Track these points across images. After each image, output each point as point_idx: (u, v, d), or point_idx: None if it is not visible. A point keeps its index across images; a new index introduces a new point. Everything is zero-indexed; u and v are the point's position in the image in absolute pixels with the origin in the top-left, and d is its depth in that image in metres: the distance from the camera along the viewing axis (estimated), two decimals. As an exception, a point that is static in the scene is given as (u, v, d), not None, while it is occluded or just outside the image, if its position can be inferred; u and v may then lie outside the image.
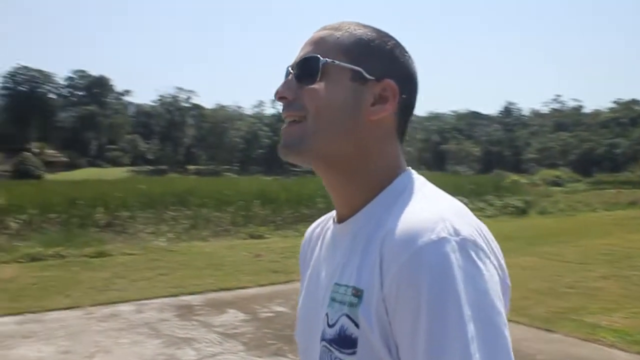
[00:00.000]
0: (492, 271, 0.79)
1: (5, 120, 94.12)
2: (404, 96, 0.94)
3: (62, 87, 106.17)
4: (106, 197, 17.17)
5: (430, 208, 0.83)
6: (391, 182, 0.93)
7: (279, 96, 0.94)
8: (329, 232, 1.03)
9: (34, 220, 14.64)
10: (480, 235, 0.81)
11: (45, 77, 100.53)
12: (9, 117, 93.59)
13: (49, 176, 66.68)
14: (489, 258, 0.79)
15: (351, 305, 0.83)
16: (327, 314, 0.88)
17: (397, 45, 0.97)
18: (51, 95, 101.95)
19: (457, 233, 0.77)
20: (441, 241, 0.76)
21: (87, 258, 10.20)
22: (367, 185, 0.93)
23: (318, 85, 0.91)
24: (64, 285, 7.94)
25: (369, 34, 0.95)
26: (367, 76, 0.92)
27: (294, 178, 34.98)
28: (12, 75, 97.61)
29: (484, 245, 0.80)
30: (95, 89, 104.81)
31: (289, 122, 0.94)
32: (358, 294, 0.82)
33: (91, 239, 12.24)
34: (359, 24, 0.97)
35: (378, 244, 0.82)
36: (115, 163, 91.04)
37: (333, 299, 0.87)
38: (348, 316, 0.83)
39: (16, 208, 15.45)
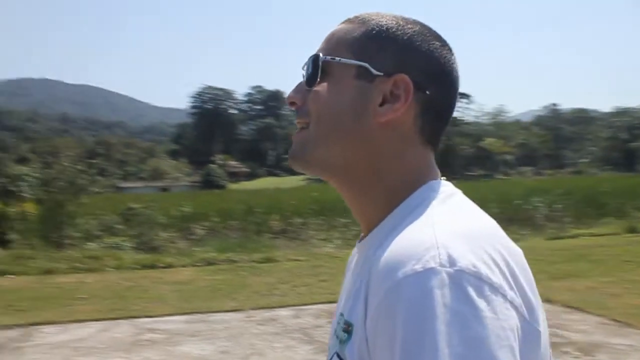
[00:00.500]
0: (504, 313, 0.61)
1: (194, 136, 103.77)
2: (427, 92, 0.80)
3: (242, 103, 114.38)
4: (281, 204, 18.13)
5: (429, 229, 0.68)
6: (409, 195, 0.79)
7: (289, 101, 0.87)
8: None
9: (216, 227, 15.91)
10: (494, 265, 0.64)
11: (226, 94, 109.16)
12: (198, 133, 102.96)
13: (232, 186, 72.07)
14: (502, 296, 0.62)
15: (341, 341, 0.73)
16: (329, 349, 0.80)
17: (421, 33, 0.82)
18: (232, 111, 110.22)
19: (451, 263, 0.62)
20: (426, 272, 0.61)
21: (256, 263, 10.72)
22: (381, 200, 0.81)
23: (320, 87, 0.82)
24: (231, 289, 8.43)
25: (385, 22, 0.82)
26: (374, 72, 0.79)
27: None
28: (199, 95, 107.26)
29: (495, 279, 0.63)
30: (271, 102, 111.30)
31: (298, 129, 0.86)
32: (349, 329, 0.72)
33: (262, 245, 13.00)
34: (379, 14, 0.84)
35: (367, 272, 0.71)
36: (292, 172, 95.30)
37: (334, 332, 0.79)
38: (338, 355, 0.74)
39: (201, 216, 16.90)
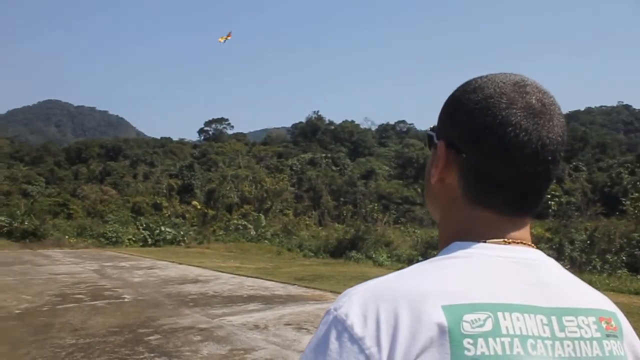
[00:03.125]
0: (346, 356, 0.73)
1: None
2: (463, 155, 0.87)
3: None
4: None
5: (370, 281, 0.82)
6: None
7: None
8: None
9: None
10: (372, 322, 0.75)
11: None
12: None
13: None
14: (359, 347, 0.73)
15: None
16: None
17: (485, 98, 0.86)
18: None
19: (336, 309, 0.78)
20: (328, 311, 0.80)
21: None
22: (440, 250, 0.91)
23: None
24: None
25: (455, 92, 0.92)
26: (435, 140, 0.93)
27: None
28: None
29: (359, 331, 0.74)
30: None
31: None
32: None
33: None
34: (474, 80, 0.92)
35: None
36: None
37: None
38: None
39: None
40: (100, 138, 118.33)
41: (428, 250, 22.41)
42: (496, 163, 0.83)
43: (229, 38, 41.98)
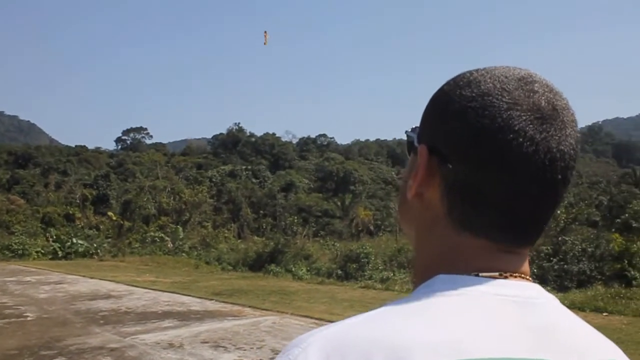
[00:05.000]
0: None
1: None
2: (449, 165, 0.68)
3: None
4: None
5: (328, 326, 0.66)
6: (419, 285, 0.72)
7: None
8: None
9: None
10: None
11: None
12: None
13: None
14: None
15: None
16: None
17: (463, 96, 0.69)
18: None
19: (294, 345, 0.64)
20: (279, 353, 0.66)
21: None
22: (416, 284, 0.73)
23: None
24: None
25: (443, 87, 0.74)
26: (415, 144, 0.75)
27: None
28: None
29: None
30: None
31: None
32: None
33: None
34: (461, 75, 0.74)
35: None
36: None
37: None
38: None
39: None
40: (9, 144, 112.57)
41: (347, 264, 22.60)
42: (491, 178, 0.66)
43: (267, 37, 42.97)
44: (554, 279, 18.36)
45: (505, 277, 0.68)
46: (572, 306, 10.98)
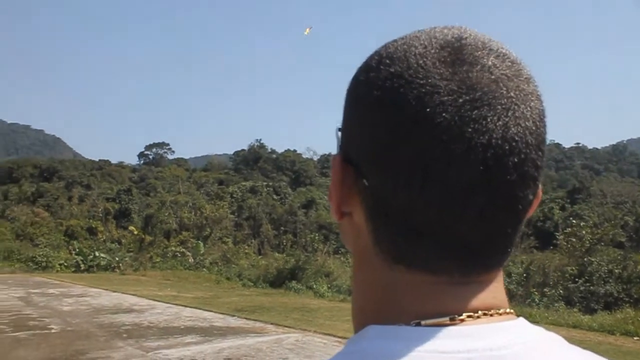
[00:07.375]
0: None
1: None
2: (365, 182, 0.50)
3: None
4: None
5: None
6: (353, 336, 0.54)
7: None
8: None
9: None
10: None
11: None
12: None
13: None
14: None
15: None
16: None
17: (371, 82, 0.51)
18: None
19: None
20: None
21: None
22: (354, 328, 0.56)
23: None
24: None
25: (360, 71, 0.54)
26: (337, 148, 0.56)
27: None
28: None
29: None
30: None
31: None
32: None
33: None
34: (385, 45, 0.54)
35: None
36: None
37: None
38: None
39: None
40: (34, 157, 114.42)
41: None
42: (416, 196, 0.47)
43: (308, 31, 49.42)
44: (579, 300, 18.13)
45: (460, 322, 0.48)
46: (602, 329, 10.83)
